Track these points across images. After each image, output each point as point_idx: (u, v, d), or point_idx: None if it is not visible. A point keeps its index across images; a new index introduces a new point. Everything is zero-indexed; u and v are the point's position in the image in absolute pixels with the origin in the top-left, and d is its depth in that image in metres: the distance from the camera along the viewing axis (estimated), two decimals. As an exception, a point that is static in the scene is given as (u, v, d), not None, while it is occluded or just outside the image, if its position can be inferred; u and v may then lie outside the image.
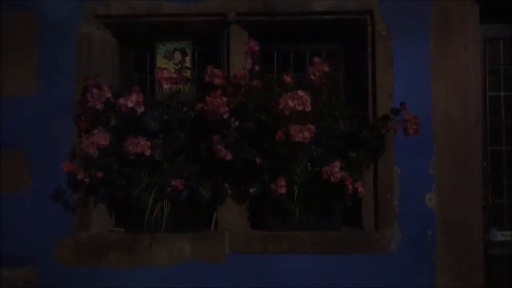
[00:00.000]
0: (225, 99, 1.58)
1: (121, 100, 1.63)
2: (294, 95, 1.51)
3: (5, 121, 1.82)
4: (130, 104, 1.63)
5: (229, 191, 1.75)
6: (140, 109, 1.66)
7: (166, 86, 1.67)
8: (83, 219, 1.80)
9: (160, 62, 1.98)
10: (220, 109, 1.57)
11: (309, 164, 1.66)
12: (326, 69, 1.64)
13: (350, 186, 1.62)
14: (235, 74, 1.66)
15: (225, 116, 1.61)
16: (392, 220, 1.76)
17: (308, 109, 1.52)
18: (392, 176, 1.76)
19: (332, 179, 1.57)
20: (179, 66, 1.73)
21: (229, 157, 1.62)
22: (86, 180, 1.70)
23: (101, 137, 1.65)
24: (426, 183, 1.76)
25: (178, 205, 1.71)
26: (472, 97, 1.78)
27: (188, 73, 1.82)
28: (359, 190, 1.65)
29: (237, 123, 1.71)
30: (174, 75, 1.67)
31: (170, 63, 1.92)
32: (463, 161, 1.76)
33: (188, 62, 1.95)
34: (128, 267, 1.76)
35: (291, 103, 1.51)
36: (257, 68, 1.66)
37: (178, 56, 1.98)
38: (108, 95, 1.69)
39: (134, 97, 1.64)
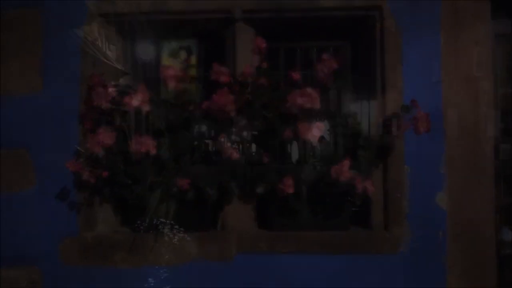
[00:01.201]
0: (232, 97, 1.56)
1: (127, 99, 1.61)
2: (303, 92, 1.49)
3: (10, 120, 1.80)
4: (135, 103, 1.61)
5: (236, 191, 1.73)
6: (146, 108, 1.64)
7: (171, 84, 1.65)
8: (89, 219, 1.79)
9: (165, 60, 1.96)
10: (227, 107, 1.55)
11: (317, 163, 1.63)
12: (335, 65, 1.61)
13: (359, 186, 1.60)
14: (242, 72, 1.64)
15: (231, 115, 1.60)
16: (402, 220, 1.73)
17: (317, 106, 1.50)
18: (402, 175, 1.73)
19: (342, 179, 1.55)
20: (185, 64, 1.71)
21: (235, 156, 1.59)
22: (92, 179, 1.68)
23: (106, 136, 1.64)
24: (437, 182, 1.73)
25: (184, 205, 1.69)
26: (483, 94, 1.74)
27: (193, 71, 1.80)
28: (368, 189, 1.62)
29: (244, 121, 1.69)
30: (179, 74, 1.65)
31: (175, 61, 1.91)
32: (475, 159, 1.73)
33: (193, 60, 1.93)
34: (134, 267, 1.75)
35: (299, 101, 1.49)
36: (264, 65, 1.63)
37: (183, 54, 1.96)
38: (113, 93, 1.67)
39: (139, 96, 1.62)
